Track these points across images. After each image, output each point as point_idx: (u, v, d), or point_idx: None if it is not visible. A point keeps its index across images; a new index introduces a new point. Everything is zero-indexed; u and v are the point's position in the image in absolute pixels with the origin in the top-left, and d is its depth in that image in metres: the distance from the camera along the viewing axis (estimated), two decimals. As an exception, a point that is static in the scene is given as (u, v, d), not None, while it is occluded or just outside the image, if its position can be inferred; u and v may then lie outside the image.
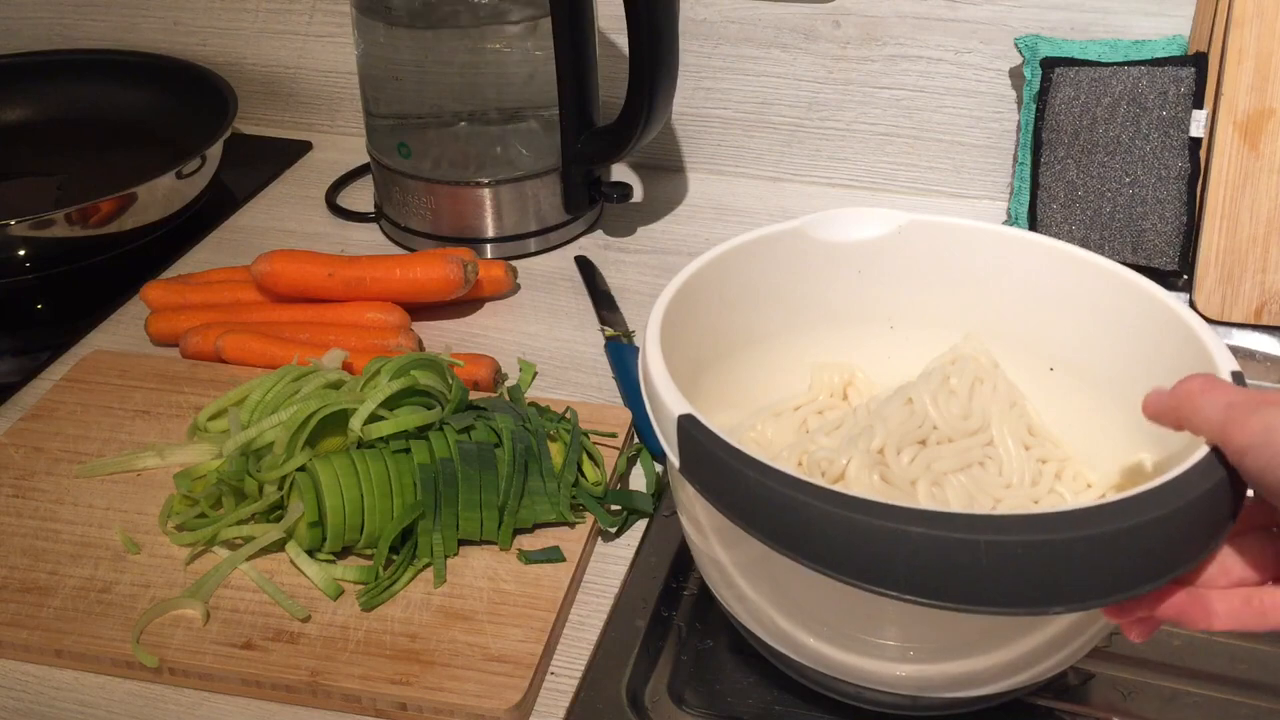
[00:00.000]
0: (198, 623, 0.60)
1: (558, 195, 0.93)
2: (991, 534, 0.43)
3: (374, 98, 0.93)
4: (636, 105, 0.86)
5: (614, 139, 0.89)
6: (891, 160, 1.01)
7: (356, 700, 0.57)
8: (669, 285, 0.59)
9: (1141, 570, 0.44)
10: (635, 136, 0.87)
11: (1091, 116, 0.86)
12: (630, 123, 0.87)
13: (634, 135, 0.87)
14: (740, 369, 0.65)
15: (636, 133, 0.87)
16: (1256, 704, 0.59)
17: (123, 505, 0.68)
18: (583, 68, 0.89)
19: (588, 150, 0.91)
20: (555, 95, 0.89)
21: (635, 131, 0.87)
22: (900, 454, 0.59)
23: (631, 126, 0.87)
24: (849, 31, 0.97)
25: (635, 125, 0.87)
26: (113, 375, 0.78)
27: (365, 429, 0.64)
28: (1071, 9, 0.91)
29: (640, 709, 0.58)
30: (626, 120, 0.87)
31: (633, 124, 0.87)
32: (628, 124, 0.87)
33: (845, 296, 0.66)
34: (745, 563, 0.53)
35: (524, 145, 0.94)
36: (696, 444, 0.49)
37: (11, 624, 0.60)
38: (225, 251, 0.96)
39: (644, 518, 0.68)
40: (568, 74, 0.88)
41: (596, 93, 0.91)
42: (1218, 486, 0.44)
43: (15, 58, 1.11)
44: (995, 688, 0.53)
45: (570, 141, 0.90)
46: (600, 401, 0.77)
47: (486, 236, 0.94)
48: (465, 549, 0.64)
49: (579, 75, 0.88)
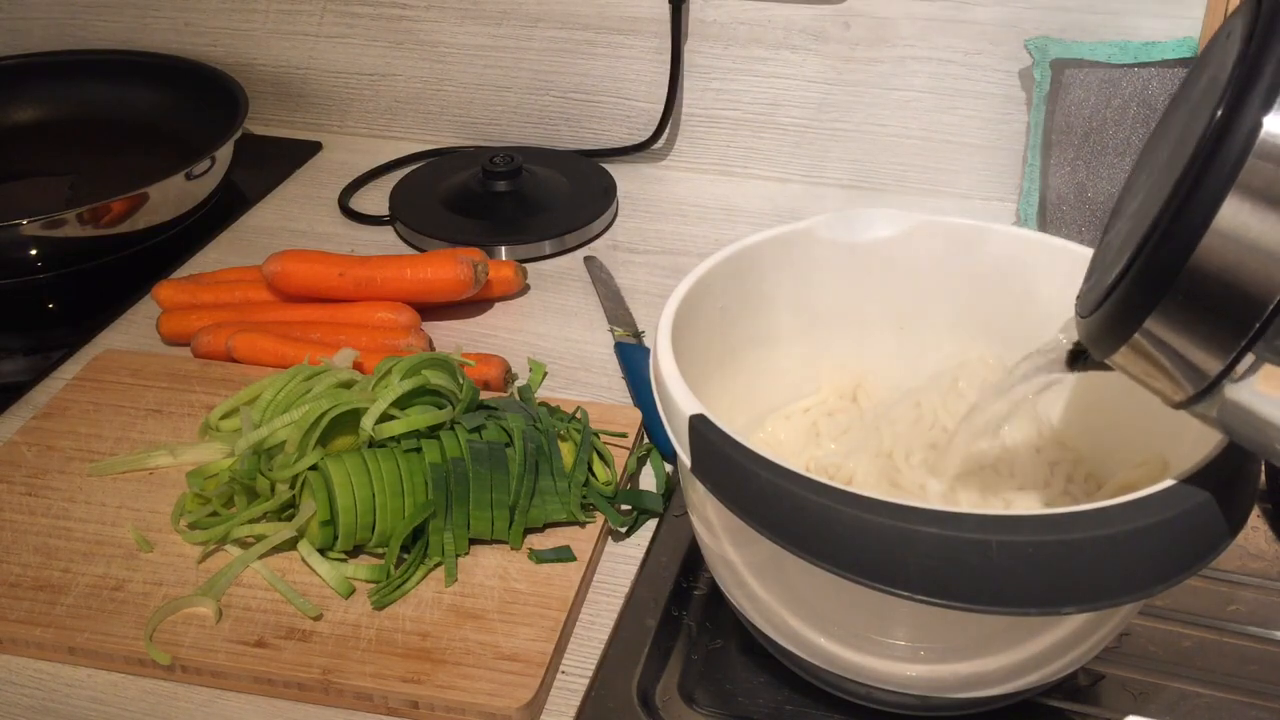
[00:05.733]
0: (210, 621, 0.61)
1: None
2: (1003, 534, 0.43)
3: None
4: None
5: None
6: (901, 161, 1.01)
7: (368, 698, 0.58)
8: (679, 286, 0.59)
9: (1152, 571, 0.44)
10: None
11: (1101, 118, 0.86)
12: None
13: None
14: (749, 370, 0.65)
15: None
16: (1268, 705, 0.59)
17: (135, 503, 0.68)
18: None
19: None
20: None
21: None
22: (910, 457, 0.59)
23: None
24: (858, 33, 0.97)
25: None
26: (125, 374, 0.78)
27: (377, 428, 0.65)
28: (1081, 11, 0.91)
29: (651, 708, 0.58)
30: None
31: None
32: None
33: (855, 298, 0.66)
34: (756, 562, 0.53)
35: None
36: (708, 444, 0.49)
37: (25, 621, 0.61)
38: (236, 251, 0.96)
39: (654, 517, 0.68)
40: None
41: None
42: (1228, 487, 0.45)
43: (27, 58, 1.11)
44: (1005, 688, 0.53)
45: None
46: (610, 402, 0.78)
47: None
48: (476, 548, 0.65)
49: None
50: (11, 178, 1.07)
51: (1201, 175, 0.36)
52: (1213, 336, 0.38)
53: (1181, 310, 0.38)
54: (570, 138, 1.09)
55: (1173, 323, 0.39)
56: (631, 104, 1.05)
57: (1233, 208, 0.36)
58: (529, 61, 1.06)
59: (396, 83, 1.10)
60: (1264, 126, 0.35)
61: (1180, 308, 0.38)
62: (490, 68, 1.07)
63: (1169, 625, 0.62)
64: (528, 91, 1.07)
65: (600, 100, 1.06)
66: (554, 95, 1.07)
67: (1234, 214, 0.36)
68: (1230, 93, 0.36)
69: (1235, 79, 0.36)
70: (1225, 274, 0.37)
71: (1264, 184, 0.35)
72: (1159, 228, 0.38)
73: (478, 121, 1.10)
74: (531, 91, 1.07)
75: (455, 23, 1.06)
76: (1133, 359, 0.41)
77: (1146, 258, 0.38)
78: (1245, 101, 0.35)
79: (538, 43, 1.05)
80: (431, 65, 1.08)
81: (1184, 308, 0.38)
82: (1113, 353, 0.42)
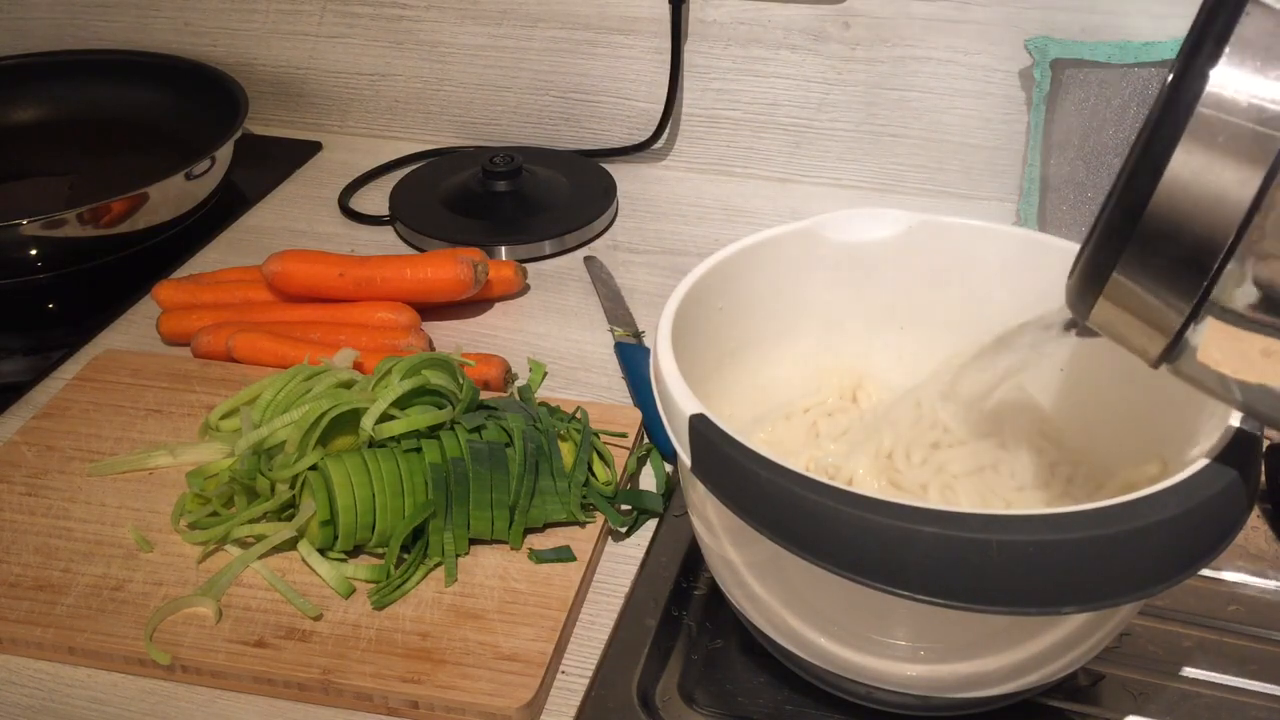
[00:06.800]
0: (210, 620, 0.61)
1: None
2: (1004, 534, 0.43)
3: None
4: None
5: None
6: (900, 161, 1.01)
7: (368, 698, 0.58)
8: (679, 286, 0.59)
9: (1153, 571, 0.44)
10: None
11: (1101, 118, 0.86)
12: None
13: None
14: (749, 370, 0.65)
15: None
16: (1268, 705, 0.59)
17: (135, 503, 0.68)
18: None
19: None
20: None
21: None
22: (910, 457, 0.59)
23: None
24: (858, 33, 0.97)
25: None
26: (124, 374, 0.78)
27: (377, 428, 0.65)
28: (1081, 11, 0.91)
29: (651, 708, 0.58)
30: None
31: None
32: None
33: (854, 298, 0.66)
34: (756, 562, 0.53)
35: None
36: (708, 443, 0.49)
37: (25, 621, 0.61)
38: (236, 251, 0.96)
39: (654, 517, 0.68)
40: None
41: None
42: (1229, 487, 0.45)
43: (27, 58, 1.11)
44: (1006, 688, 0.53)
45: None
46: (610, 401, 0.78)
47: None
48: (476, 548, 0.65)
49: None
50: (11, 178, 1.07)
51: (1156, 128, 0.38)
52: (1175, 283, 0.39)
53: (1145, 259, 0.39)
54: (570, 138, 1.09)
55: (1138, 273, 0.40)
56: (631, 104, 1.05)
57: (1184, 156, 0.37)
58: (529, 61, 1.06)
59: (396, 83, 1.10)
60: (1209, 79, 0.37)
61: (1143, 257, 0.40)
62: (490, 68, 1.07)
63: (1169, 625, 0.62)
64: (528, 91, 1.07)
65: (600, 100, 1.06)
66: (554, 95, 1.07)
67: (1185, 162, 0.38)
68: (1181, 54, 0.39)
69: (1186, 43, 0.39)
70: (1181, 221, 0.38)
71: (1212, 133, 0.37)
72: (1121, 179, 0.40)
73: (478, 121, 1.10)
74: (531, 91, 1.07)
75: (455, 23, 1.06)
76: (1108, 315, 0.42)
77: (1110, 209, 0.40)
78: (1193, 58, 0.38)
79: (538, 43, 1.05)
80: (431, 65, 1.08)
81: (1146, 256, 0.39)
82: (1090, 310, 0.43)
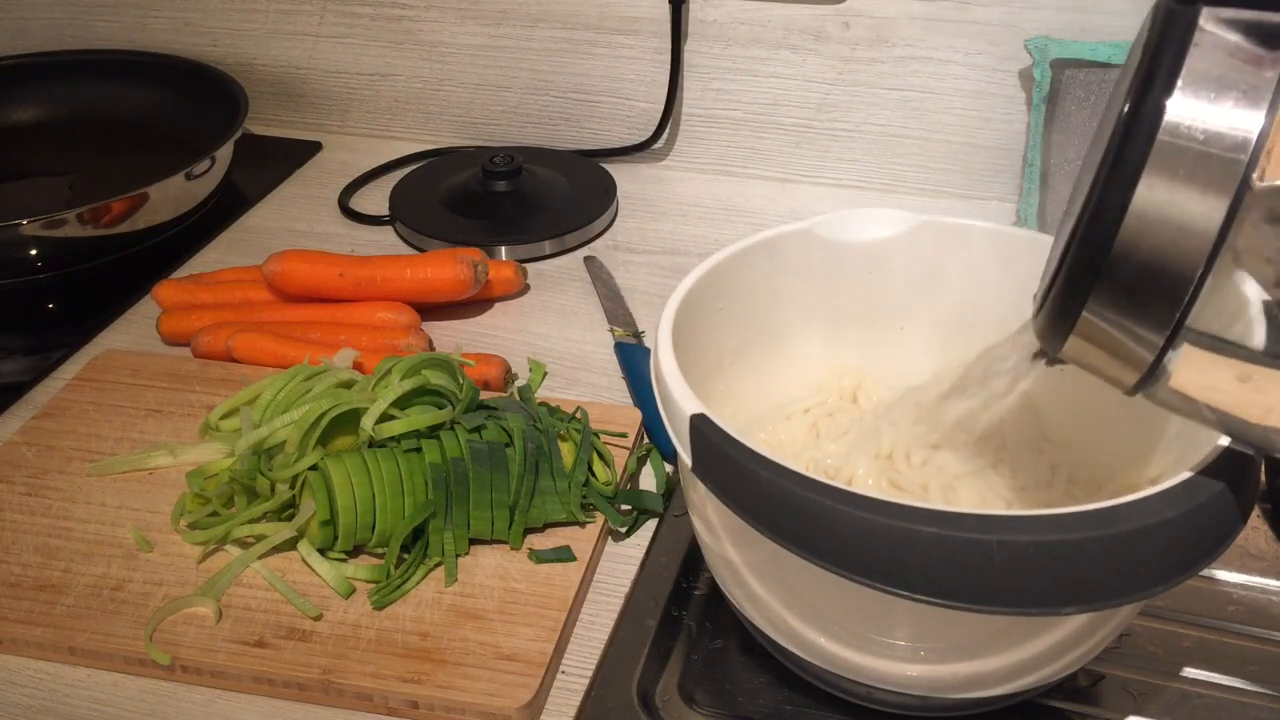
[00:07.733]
0: (210, 621, 0.61)
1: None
2: (1004, 534, 0.43)
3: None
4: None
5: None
6: (901, 161, 1.01)
7: (368, 698, 0.58)
8: (679, 286, 0.59)
9: (1154, 572, 0.44)
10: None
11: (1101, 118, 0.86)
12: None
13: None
14: (749, 370, 0.65)
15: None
16: (1268, 705, 0.59)
17: (135, 504, 0.68)
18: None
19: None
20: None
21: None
22: (910, 458, 0.59)
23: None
24: (858, 33, 0.97)
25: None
26: (124, 374, 0.78)
27: (377, 428, 0.65)
28: (1081, 11, 0.91)
29: (651, 708, 0.58)
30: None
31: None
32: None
33: (855, 298, 0.66)
34: (757, 562, 0.53)
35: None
36: (709, 443, 0.49)
37: (25, 621, 0.61)
38: (236, 251, 0.96)
39: (654, 518, 0.68)
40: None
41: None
42: (1229, 488, 0.45)
43: (27, 58, 1.11)
44: (1006, 689, 0.53)
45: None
46: (610, 402, 0.78)
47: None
48: (476, 548, 0.65)
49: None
50: (11, 178, 1.07)
51: (1117, 162, 0.38)
52: (1146, 318, 0.39)
53: (1116, 295, 0.39)
54: (570, 138, 1.09)
55: (1110, 308, 0.40)
56: (631, 104, 1.05)
57: (1147, 189, 0.37)
58: (529, 61, 1.06)
59: (396, 83, 1.10)
60: (1166, 111, 0.37)
61: (1114, 292, 0.39)
62: (490, 68, 1.07)
63: (1169, 625, 0.62)
64: (528, 91, 1.07)
65: (600, 100, 1.06)
66: (554, 95, 1.07)
67: (1149, 195, 0.37)
68: (1135, 85, 0.38)
69: (1135, 77, 0.38)
70: (1148, 256, 0.38)
71: (1173, 164, 0.37)
72: (1084, 218, 0.39)
73: (478, 121, 1.10)
74: (531, 91, 1.07)
75: (455, 23, 1.06)
76: (1081, 350, 0.42)
77: (1076, 248, 0.40)
78: (1149, 89, 0.37)
79: (538, 43, 1.05)
80: (431, 65, 1.08)
81: (1117, 292, 0.39)
82: (1061, 345, 0.43)
